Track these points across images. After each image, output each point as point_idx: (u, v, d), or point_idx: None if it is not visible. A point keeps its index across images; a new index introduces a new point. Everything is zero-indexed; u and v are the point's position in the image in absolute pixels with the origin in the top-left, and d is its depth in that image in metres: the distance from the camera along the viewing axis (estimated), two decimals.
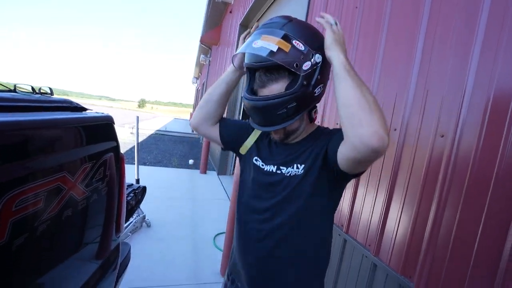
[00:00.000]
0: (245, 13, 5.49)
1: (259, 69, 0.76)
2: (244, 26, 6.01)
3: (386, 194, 1.33)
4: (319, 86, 0.75)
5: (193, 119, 0.99)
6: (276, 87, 0.73)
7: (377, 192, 1.39)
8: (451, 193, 1.02)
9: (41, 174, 0.68)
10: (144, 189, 1.84)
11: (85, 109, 1.11)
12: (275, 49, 0.67)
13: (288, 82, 0.73)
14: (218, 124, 0.98)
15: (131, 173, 3.15)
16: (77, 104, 1.07)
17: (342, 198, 1.65)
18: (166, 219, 3.40)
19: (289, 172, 0.80)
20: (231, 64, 0.89)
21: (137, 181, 3.41)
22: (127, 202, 1.55)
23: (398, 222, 1.24)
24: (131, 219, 2.83)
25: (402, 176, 1.26)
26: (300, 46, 0.69)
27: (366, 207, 1.46)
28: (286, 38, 0.69)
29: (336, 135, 0.75)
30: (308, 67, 0.70)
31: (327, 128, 0.90)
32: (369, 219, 1.42)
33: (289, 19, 0.74)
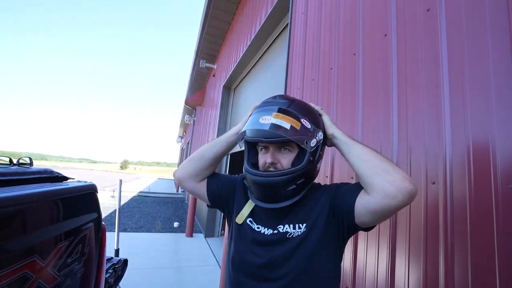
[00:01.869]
0: (227, 77, 5.91)
1: (263, 144, 0.77)
2: (227, 88, 6.42)
3: (389, 247, 1.26)
4: (320, 161, 0.80)
5: (179, 171, 0.91)
6: (284, 161, 0.75)
7: (378, 247, 1.32)
8: (456, 237, 0.98)
9: (6, 262, 0.58)
10: (125, 263, 1.64)
11: (66, 178, 1.04)
12: (288, 127, 0.69)
13: (293, 158, 0.76)
14: (205, 180, 0.93)
15: (110, 242, 2.87)
16: (57, 173, 1.01)
17: (343, 258, 1.55)
18: None
19: (290, 233, 0.77)
20: (236, 126, 0.91)
21: (117, 252, 3.10)
22: (105, 280, 1.37)
23: (408, 277, 1.15)
24: None
25: (402, 226, 1.21)
26: (307, 125, 0.73)
27: (370, 265, 1.36)
28: (296, 117, 0.72)
29: (341, 190, 0.77)
30: (314, 144, 0.73)
31: (318, 183, 0.89)
32: (375, 277, 1.31)
33: (292, 99, 0.78)
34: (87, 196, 0.97)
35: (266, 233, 0.80)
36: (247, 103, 5.09)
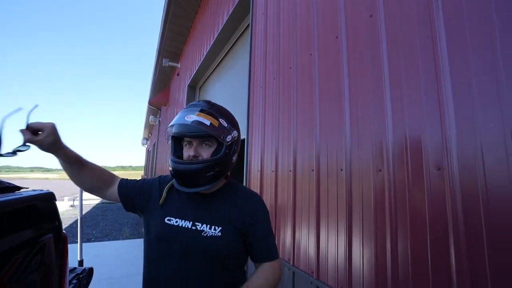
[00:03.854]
0: (192, 75, 5.82)
1: (188, 139, 0.91)
2: (192, 87, 6.31)
3: (346, 231, 1.38)
4: (235, 155, 0.97)
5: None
6: (205, 154, 0.90)
7: (337, 231, 1.44)
8: (399, 218, 1.12)
9: None
10: (90, 271, 1.59)
11: (18, 188, 0.99)
12: (208, 123, 0.85)
13: (212, 151, 0.91)
14: (115, 187, 1.00)
15: (73, 254, 2.72)
16: (8, 183, 0.96)
17: (308, 244, 1.66)
18: None
19: (206, 232, 0.89)
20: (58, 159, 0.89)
21: (81, 263, 2.94)
22: None
23: (363, 256, 1.28)
24: None
25: (356, 211, 1.34)
26: (224, 123, 0.90)
27: (331, 250, 1.48)
28: (215, 116, 0.89)
29: (259, 228, 0.95)
30: (229, 139, 0.91)
31: (241, 187, 1.04)
32: (335, 260, 1.43)
33: (213, 104, 0.97)
34: (44, 205, 0.93)
35: (182, 225, 0.90)
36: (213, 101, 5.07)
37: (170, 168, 0.92)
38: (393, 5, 1.25)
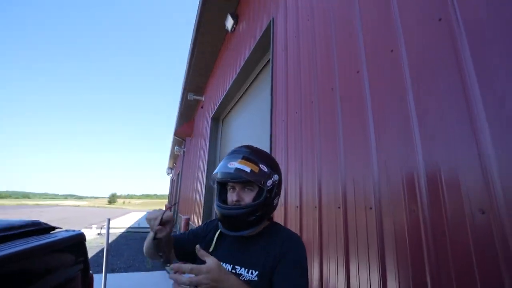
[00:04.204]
0: (215, 108, 6.06)
1: (232, 184, 0.96)
2: (216, 119, 6.54)
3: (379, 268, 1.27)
4: (277, 198, 1.00)
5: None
6: (247, 198, 0.94)
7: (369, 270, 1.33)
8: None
9: None
10: None
11: (53, 228, 1.04)
12: (248, 170, 0.90)
13: (254, 196, 0.94)
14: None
15: (97, 285, 2.72)
16: (45, 224, 1.00)
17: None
18: None
19: (243, 276, 0.88)
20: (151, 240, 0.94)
21: None
22: None
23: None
24: None
25: (390, 250, 1.24)
26: (265, 168, 0.94)
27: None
28: (255, 162, 0.94)
29: (285, 264, 0.87)
30: (270, 184, 0.94)
31: (282, 229, 1.01)
32: None
33: (254, 149, 1.01)
34: (75, 246, 0.96)
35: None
36: (236, 133, 5.18)
37: (217, 212, 0.98)
38: (414, 38, 1.25)
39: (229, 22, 5.11)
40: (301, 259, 0.91)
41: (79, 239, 0.97)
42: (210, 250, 0.99)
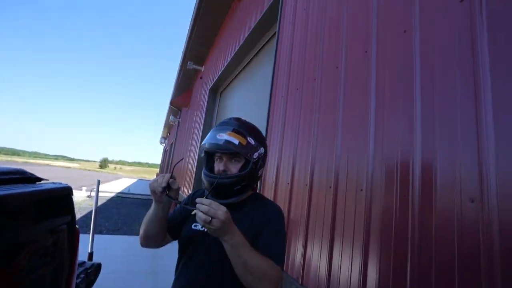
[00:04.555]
0: (214, 80, 5.91)
1: (219, 155, 1.00)
2: (214, 91, 6.41)
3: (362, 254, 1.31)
4: (261, 169, 1.05)
5: (143, 243, 1.06)
6: (233, 169, 0.99)
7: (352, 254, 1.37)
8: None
9: None
10: (98, 267, 1.59)
11: (39, 179, 1.01)
12: (237, 142, 0.95)
13: (240, 167, 0.99)
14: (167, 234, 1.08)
15: (84, 245, 2.77)
16: (30, 174, 0.98)
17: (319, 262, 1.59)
18: None
19: None
20: (155, 205, 0.98)
21: (90, 255, 2.99)
22: (76, 285, 1.32)
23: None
24: None
25: (375, 235, 1.27)
26: (252, 142, 0.99)
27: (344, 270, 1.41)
28: (243, 135, 0.98)
29: (265, 232, 0.95)
30: (256, 156, 1.00)
31: (265, 199, 1.10)
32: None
33: (243, 122, 1.05)
34: (61, 198, 0.94)
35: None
36: (233, 107, 5.10)
37: (204, 181, 1.02)
38: (431, 21, 1.19)
39: None
40: (282, 228, 1.02)
41: (66, 191, 0.95)
42: (193, 213, 0.98)
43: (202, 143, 1.01)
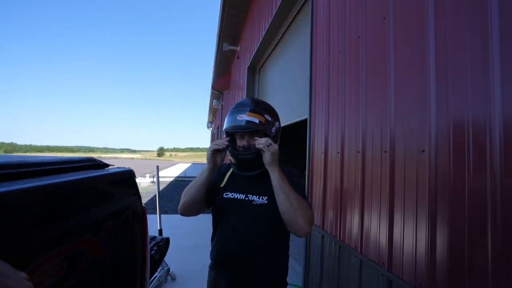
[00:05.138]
0: (251, 58, 5.82)
1: (240, 133, 1.11)
2: (252, 69, 6.34)
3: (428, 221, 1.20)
4: (277, 142, 1.16)
5: (184, 211, 1.20)
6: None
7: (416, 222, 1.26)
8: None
9: (63, 239, 0.66)
10: (167, 240, 1.78)
11: (107, 165, 1.13)
12: (257, 121, 1.05)
13: None
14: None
15: (153, 224, 3.11)
16: (99, 161, 1.10)
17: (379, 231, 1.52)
18: (191, 270, 3.25)
19: (255, 201, 1.10)
20: (208, 166, 1.11)
21: (160, 231, 3.36)
22: (151, 256, 1.49)
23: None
24: (155, 274, 2.71)
25: (442, 200, 1.14)
26: (269, 118, 1.10)
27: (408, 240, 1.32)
28: (261, 114, 1.07)
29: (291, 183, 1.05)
30: (274, 131, 1.12)
31: (283, 166, 1.13)
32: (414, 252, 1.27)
33: (255, 101, 1.14)
34: (126, 180, 1.04)
35: (237, 197, 1.13)
36: (273, 82, 4.99)
37: (230, 158, 1.14)
38: None
39: None
40: (301, 183, 1.18)
41: (130, 174, 1.05)
42: (222, 185, 1.18)
43: (224, 127, 1.11)
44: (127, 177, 1.04)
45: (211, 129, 22.87)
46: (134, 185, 1.09)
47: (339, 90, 2.04)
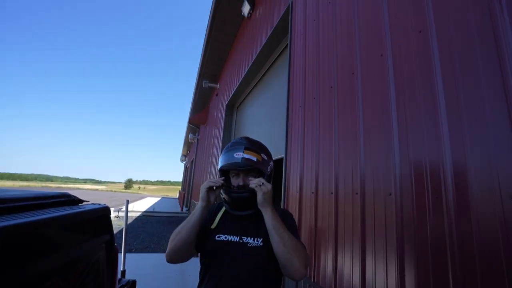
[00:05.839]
0: (230, 96, 6.05)
1: (236, 171, 1.09)
2: (230, 106, 6.55)
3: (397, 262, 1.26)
4: (271, 183, 1.13)
5: (172, 256, 1.06)
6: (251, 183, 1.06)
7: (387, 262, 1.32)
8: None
9: (30, 283, 0.62)
10: (133, 284, 1.65)
11: (81, 201, 1.09)
12: (255, 159, 1.05)
13: None
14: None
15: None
16: (74, 197, 1.06)
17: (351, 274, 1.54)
18: None
19: (250, 244, 1.05)
20: (202, 203, 1.07)
21: (123, 273, 3.08)
22: None
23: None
24: None
25: (409, 243, 1.22)
26: (265, 157, 1.10)
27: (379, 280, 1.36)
28: (257, 152, 1.08)
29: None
30: (269, 170, 1.11)
31: (277, 207, 1.13)
32: None
33: (250, 140, 1.14)
34: (102, 218, 1.01)
35: (231, 240, 1.07)
36: (250, 121, 5.18)
37: (223, 196, 1.12)
38: (446, 19, 1.19)
39: (246, 8, 5.02)
40: (295, 226, 1.16)
41: (106, 211, 1.02)
42: (213, 227, 1.13)
43: (220, 165, 1.10)
44: (102, 215, 1.00)
45: (184, 162, 22.37)
46: (109, 223, 1.05)
47: (313, 134, 2.19)
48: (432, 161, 1.17)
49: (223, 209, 1.17)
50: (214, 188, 1.07)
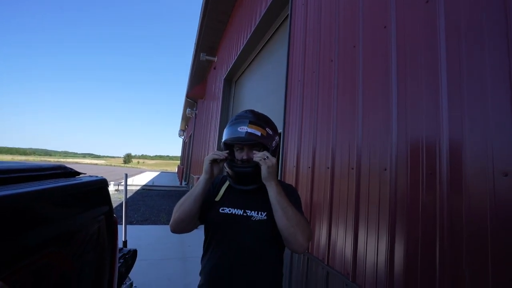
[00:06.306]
0: (228, 69, 5.90)
1: (240, 145, 1.07)
2: (228, 80, 6.41)
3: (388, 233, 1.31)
4: (276, 157, 1.09)
5: (176, 227, 1.07)
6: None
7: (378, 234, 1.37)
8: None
9: (30, 251, 0.63)
10: (134, 253, 1.71)
11: (78, 173, 1.09)
12: (259, 134, 1.02)
13: None
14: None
15: (118, 234, 2.96)
16: (70, 169, 1.06)
17: (344, 245, 1.61)
18: (156, 284, 3.10)
19: (254, 217, 1.06)
20: (205, 176, 1.06)
21: (125, 243, 3.19)
22: (117, 269, 1.43)
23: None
24: None
25: (400, 215, 1.26)
26: (270, 132, 1.07)
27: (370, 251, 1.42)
28: (262, 126, 1.04)
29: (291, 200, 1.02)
30: (274, 145, 1.09)
31: (281, 181, 1.12)
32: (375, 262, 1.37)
33: (255, 114, 1.10)
34: (99, 190, 1.02)
35: (235, 213, 1.07)
36: (249, 95, 5.10)
37: (227, 170, 1.09)
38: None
39: None
40: (299, 201, 1.15)
41: (103, 183, 1.02)
42: (217, 199, 1.12)
43: (224, 138, 1.07)
44: (100, 187, 1.01)
45: (183, 137, 22.37)
46: (107, 195, 1.06)
47: (312, 108, 2.17)
48: (429, 136, 1.16)
49: (228, 182, 1.16)
50: (218, 161, 1.05)
